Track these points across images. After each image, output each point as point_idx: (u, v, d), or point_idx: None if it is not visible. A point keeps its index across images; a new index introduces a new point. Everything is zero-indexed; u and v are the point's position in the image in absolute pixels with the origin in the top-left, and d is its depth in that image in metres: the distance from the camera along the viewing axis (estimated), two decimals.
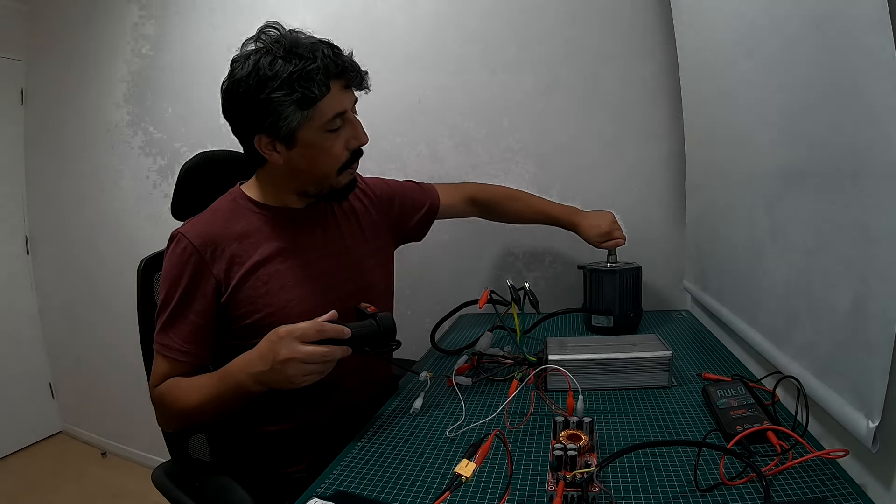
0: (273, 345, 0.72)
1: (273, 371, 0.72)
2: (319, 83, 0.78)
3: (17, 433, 2.36)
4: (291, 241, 0.91)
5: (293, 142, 0.83)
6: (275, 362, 0.71)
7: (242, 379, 0.75)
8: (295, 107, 0.78)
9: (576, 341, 0.94)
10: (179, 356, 0.83)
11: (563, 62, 1.44)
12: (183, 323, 0.83)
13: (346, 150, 0.87)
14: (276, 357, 0.71)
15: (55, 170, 2.30)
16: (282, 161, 0.85)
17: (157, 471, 0.87)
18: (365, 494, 0.63)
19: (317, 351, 0.71)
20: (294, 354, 0.70)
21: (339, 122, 0.84)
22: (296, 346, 0.71)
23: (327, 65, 0.79)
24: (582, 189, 1.47)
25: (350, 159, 0.89)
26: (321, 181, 0.90)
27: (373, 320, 0.78)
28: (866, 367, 0.56)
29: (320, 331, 0.72)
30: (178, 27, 1.89)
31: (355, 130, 0.87)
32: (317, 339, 0.71)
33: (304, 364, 0.71)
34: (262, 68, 0.78)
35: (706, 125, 1.14)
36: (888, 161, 0.51)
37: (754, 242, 0.89)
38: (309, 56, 0.78)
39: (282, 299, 0.87)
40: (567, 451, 0.58)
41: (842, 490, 0.56)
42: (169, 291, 0.84)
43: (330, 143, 0.85)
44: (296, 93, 0.77)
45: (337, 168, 0.88)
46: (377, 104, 1.11)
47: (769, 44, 0.77)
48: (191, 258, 0.83)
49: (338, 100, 0.83)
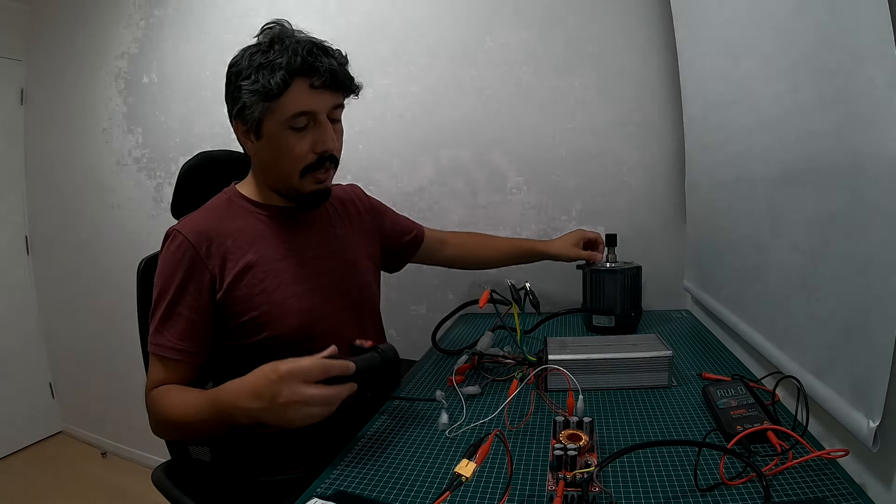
0: (273, 385, 0.66)
1: (270, 411, 0.66)
2: (280, 77, 0.79)
3: (17, 433, 2.36)
4: (288, 240, 0.92)
5: (259, 133, 0.85)
6: (273, 403, 0.65)
7: (232, 412, 0.70)
8: (257, 97, 0.80)
9: (576, 341, 0.94)
10: (175, 355, 0.81)
11: (562, 62, 1.44)
12: (177, 320, 0.82)
13: (312, 152, 0.85)
14: (276, 399, 0.65)
15: (55, 170, 2.30)
16: (254, 151, 0.88)
17: (157, 471, 0.87)
18: (365, 494, 0.63)
19: (322, 394, 0.66)
20: (297, 398, 0.65)
21: (305, 121, 0.83)
22: (299, 389, 0.65)
23: (291, 60, 0.79)
24: (582, 189, 1.47)
25: (316, 163, 0.87)
26: (284, 180, 0.89)
27: (375, 353, 0.74)
28: (866, 366, 0.56)
29: (325, 370, 0.67)
30: (177, 27, 1.90)
31: (323, 134, 0.85)
32: (321, 378, 0.67)
33: (307, 407, 0.66)
34: (244, 59, 0.82)
35: (706, 125, 1.14)
36: (888, 161, 0.51)
37: (754, 242, 0.89)
38: (280, 51, 0.80)
39: (279, 297, 0.87)
40: (567, 450, 0.58)
41: (842, 490, 0.56)
42: (163, 289, 0.83)
43: (293, 142, 0.84)
44: (257, 83, 0.80)
45: (299, 169, 0.86)
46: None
47: (769, 43, 0.77)
48: (186, 253, 0.83)
49: (303, 99, 0.81)
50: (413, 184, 1.59)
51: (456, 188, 1.56)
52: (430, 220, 1.49)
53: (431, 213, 1.58)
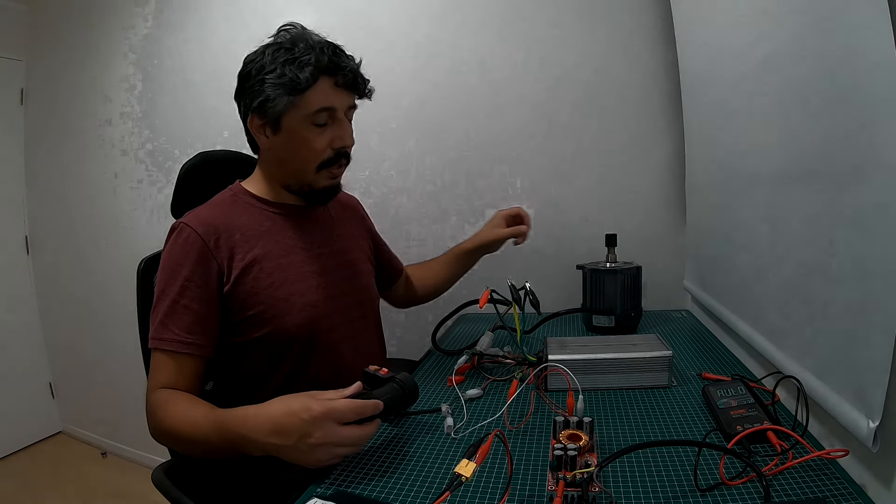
0: (304, 424, 0.63)
1: (294, 450, 0.64)
2: (308, 73, 0.82)
3: (17, 433, 2.35)
4: (294, 237, 0.93)
5: (278, 127, 0.86)
6: (301, 443, 0.63)
7: (243, 443, 0.68)
8: (282, 91, 0.82)
9: (576, 341, 0.94)
10: (182, 348, 0.79)
11: (562, 63, 1.44)
12: (185, 312, 0.81)
13: (329, 147, 0.88)
14: (306, 439, 0.63)
15: (55, 170, 2.30)
16: (268, 146, 0.89)
17: (157, 471, 0.87)
18: (365, 494, 0.63)
19: (355, 434, 0.65)
20: (331, 439, 0.63)
21: (326, 118, 0.86)
22: (335, 430, 0.64)
23: (319, 58, 0.83)
24: (582, 189, 1.47)
25: (332, 159, 0.90)
26: (299, 174, 0.91)
27: (394, 384, 0.75)
28: (866, 366, 0.56)
29: (359, 412, 0.65)
30: (177, 27, 1.90)
31: (342, 131, 0.89)
32: (353, 419, 0.65)
33: (337, 448, 0.65)
34: (266, 56, 0.84)
35: (706, 125, 1.14)
36: (888, 161, 0.51)
37: (754, 242, 0.89)
38: (308, 49, 0.83)
39: (284, 292, 0.88)
40: (567, 450, 0.58)
41: (842, 490, 0.56)
42: (168, 282, 0.82)
43: (313, 136, 0.87)
44: (285, 77, 0.82)
45: (317, 163, 0.89)
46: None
47: (769, 44, 0.77)
48: (194, 245, 0.83)
49: (326, 95, 0.85)
50: (409, 180, 1.59)
51: (456, 189, 1.56)
52: (431, 221, 1.49)
53: (432, 212, 1.58)
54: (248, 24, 1.73)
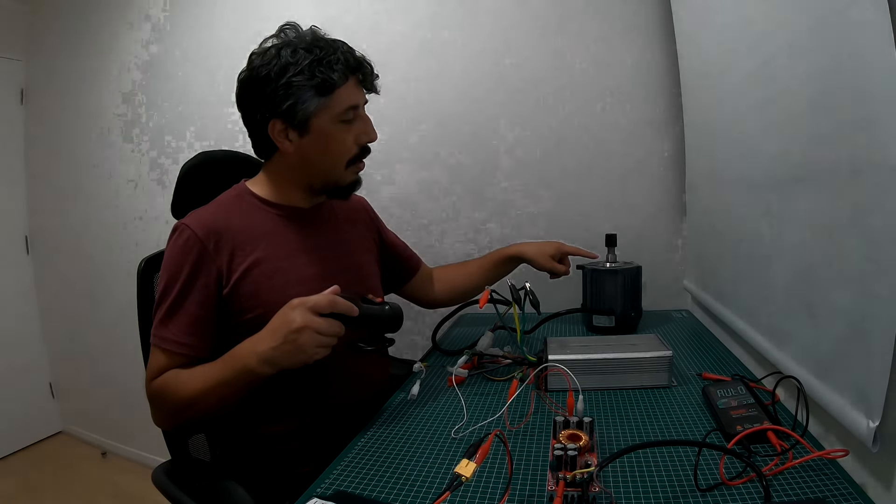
0: (285, 313, 0.73)
1: (285, 343, 0.72)
2: (339, 72, 0.83)
3: (17, 433, 2.35)
4: (298, 240, 0.92)
5: (307, 129, 0.85)
6: (288, 333, 0.72)
7: (248, 361, 0.75)
8: (314, 92, 0.82)
9: (576, 341, 0.94)
10: (178, 349, 0.81)
11: (562, 62, 1.44)
12: (182, 314, 0.82)
13: (356, 144, 0.90)
14: (291, 326, 0.72)
15: (55, 170, 2.30)
16: (293, 149, 0.87)
17: (157, 471, 0.87)
18: (365, 494, 0.63)
19: (330, 323, 0.73)
20: (309, 322, 0.72)
21: (352, 115, 0.87)
22: (310, 316, 0.72)
23: (347, 57, 0.85)
24: (582, 189, 1.47)
25: (359, 154, 0.91)
26: (328, 173, 0.91)
27: (380, 307, 0.80)
28: (866, 366, 0.56)
29: (332, 303, 0.73)
30: (177, 27, 1.90)
31: (366, 126, 0.91)
32: (328, 311, 0.73)
33: (317, 335, 0.72)
34: (284, 56, 0.82)
35: (706, 125, 1.14)
36: (888, 161, 0.51)
37: (754, 242, 0.89)
38: (330, 48, 0.84)
39: (286, 296, 0.86)
40: (567, 450, 0.58)
41: (842, 490, 0.56)
42: (169, 282, 0.83)
43: (342, 135, 0.88)
44: (316, 78, 0.81)
45: (346, 160, 0.90)
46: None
47: (769, 44, 0.77)
48: (193, 248, 0.83)
49: (353, 93, 0.87)
50: (411, 187, 1.59)
51: (455, 190, 1.56)
52: (431, 222, 1.49)
53: (431, 211, 1.58)
54: (251, 24, 1.73)
